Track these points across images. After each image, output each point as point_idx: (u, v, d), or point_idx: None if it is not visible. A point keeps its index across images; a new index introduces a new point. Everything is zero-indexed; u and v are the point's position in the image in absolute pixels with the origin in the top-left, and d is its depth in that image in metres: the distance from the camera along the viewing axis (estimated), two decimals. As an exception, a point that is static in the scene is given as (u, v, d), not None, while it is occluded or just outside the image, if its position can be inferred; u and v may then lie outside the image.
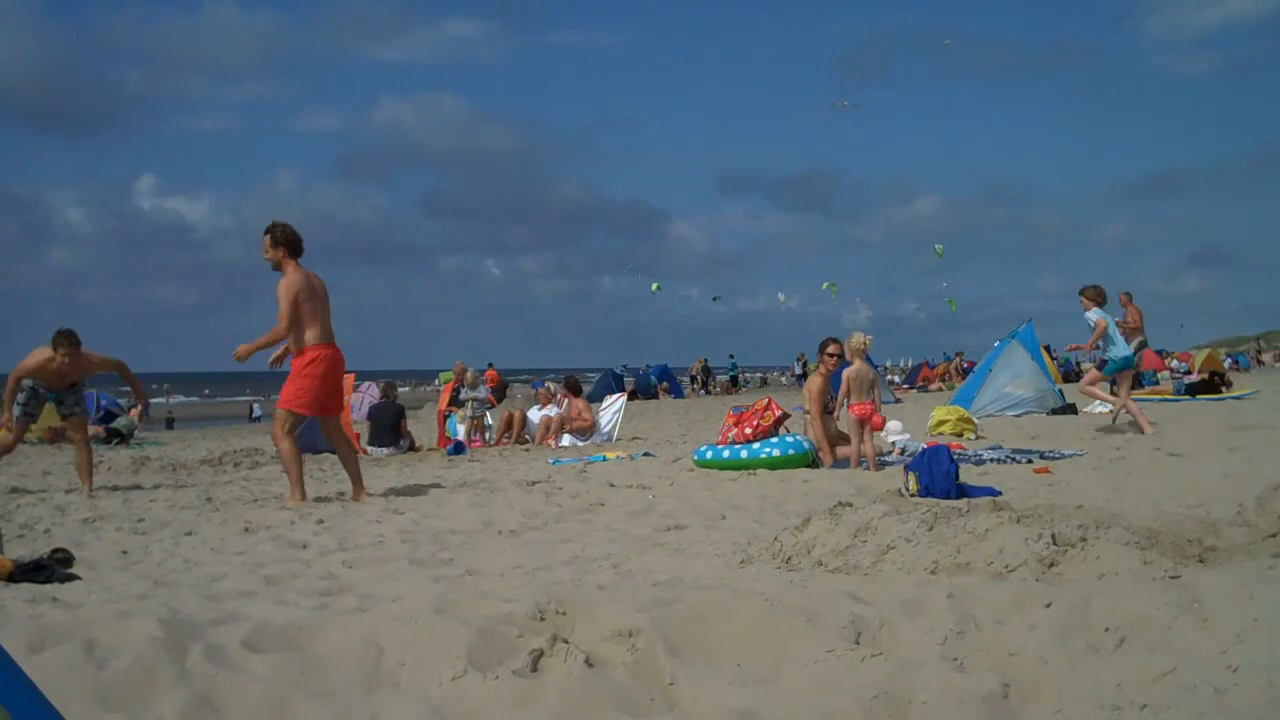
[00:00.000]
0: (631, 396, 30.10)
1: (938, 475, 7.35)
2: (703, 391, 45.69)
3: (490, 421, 16.99)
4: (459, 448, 14.97)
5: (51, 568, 5.56)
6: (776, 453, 10.25)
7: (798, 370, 47.22)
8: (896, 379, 43.96)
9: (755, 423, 10.73)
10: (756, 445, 10.40)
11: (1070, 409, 17.47)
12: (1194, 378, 25.53)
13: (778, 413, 10.91)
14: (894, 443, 11.56)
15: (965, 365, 35.76)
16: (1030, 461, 9.95)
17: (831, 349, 10.95)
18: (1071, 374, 30.99)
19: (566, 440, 15.64)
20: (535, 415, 16.48)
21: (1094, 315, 12.70)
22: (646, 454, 12.94)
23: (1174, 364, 34.32)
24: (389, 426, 15.55)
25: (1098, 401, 18.57)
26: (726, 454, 10.43)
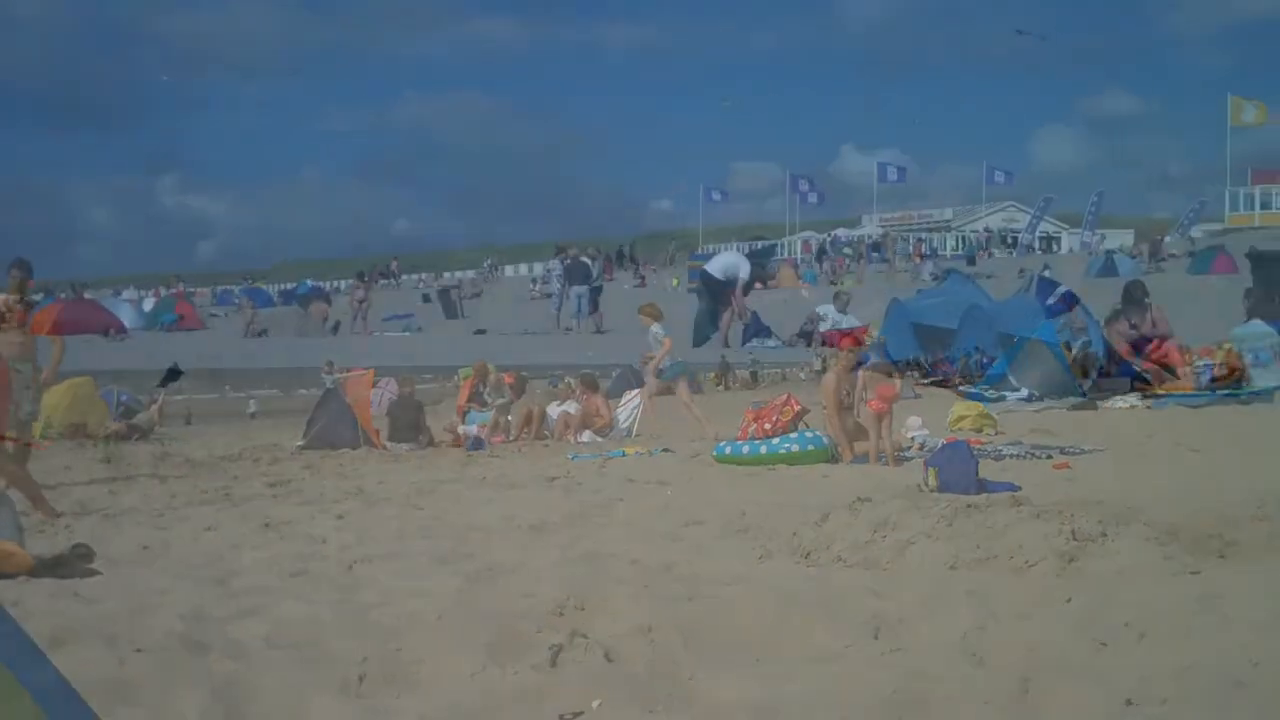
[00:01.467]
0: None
1: (957, 470, 7.32)
2: (721, 387, 45.57)
3: (510, 417, 16.99)
4: (478, 443, 14.98)
5: (72, 563, 5.59)
6: (795, 448, 10.21)
7: (817, 366, 47.05)
8: (915, 374, 43.68)
9: (774, 418, 10.69)
10: (775, 441, 10.36)
11: (1091, 405, 17.36)
12: (1214, 374, 25.36)
13: (797, 408, 10.88)
14: (913, 438, 11.53)
15: (985, 360, 35.54)
16: (1050, 457, 9.88)
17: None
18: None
19: (585, 436, 15.65)
20: (554, 411, 16.48)
21: (659, 330, 13.55)
22: (665, 450, 12.92)
23: (1195, 360, 34.07)
24: (409, 423, 15.57)
25: (1118, 397, 18.51)
26: (745, 450, 10.39)
